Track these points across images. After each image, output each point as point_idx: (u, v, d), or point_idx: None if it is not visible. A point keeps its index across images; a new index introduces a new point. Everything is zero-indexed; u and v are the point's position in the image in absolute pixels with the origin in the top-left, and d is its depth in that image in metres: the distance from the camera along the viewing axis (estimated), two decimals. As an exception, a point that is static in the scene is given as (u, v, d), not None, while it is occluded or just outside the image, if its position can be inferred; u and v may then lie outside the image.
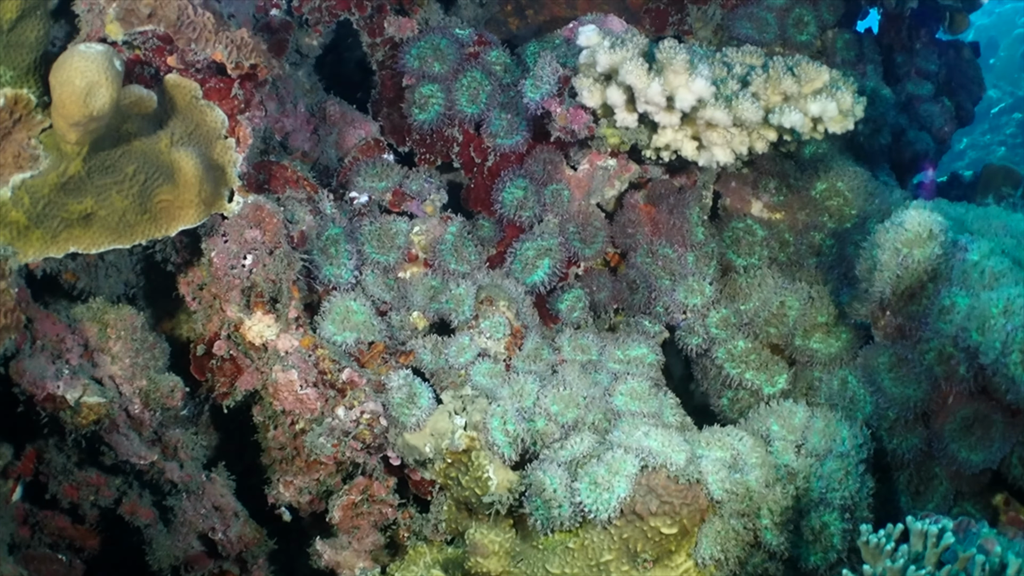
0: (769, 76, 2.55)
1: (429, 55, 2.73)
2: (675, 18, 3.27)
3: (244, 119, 2.35)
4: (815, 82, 2.56)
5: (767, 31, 3.11)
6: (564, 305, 2.64)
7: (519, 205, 2.64)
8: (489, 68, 2.74)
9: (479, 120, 2.73)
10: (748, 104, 2.40)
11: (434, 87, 2.73)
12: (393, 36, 2.85)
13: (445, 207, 2.68)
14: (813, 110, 2.53)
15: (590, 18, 2.84)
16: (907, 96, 3.39)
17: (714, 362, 2.58)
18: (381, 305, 2.53)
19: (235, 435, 2.60)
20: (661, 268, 2.62)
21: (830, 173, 2.91)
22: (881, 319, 2.50)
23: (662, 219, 2.65)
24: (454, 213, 2.74)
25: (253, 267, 2.36)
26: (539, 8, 3.13)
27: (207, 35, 2.25)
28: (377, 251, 2.57)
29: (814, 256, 2.81)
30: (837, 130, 2.59)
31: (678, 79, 2.32)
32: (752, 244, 2.73)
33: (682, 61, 2.31)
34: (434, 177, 2.71)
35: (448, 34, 2.76)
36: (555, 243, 2.62)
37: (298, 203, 2.45)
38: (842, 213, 2.86)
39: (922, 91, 3.40)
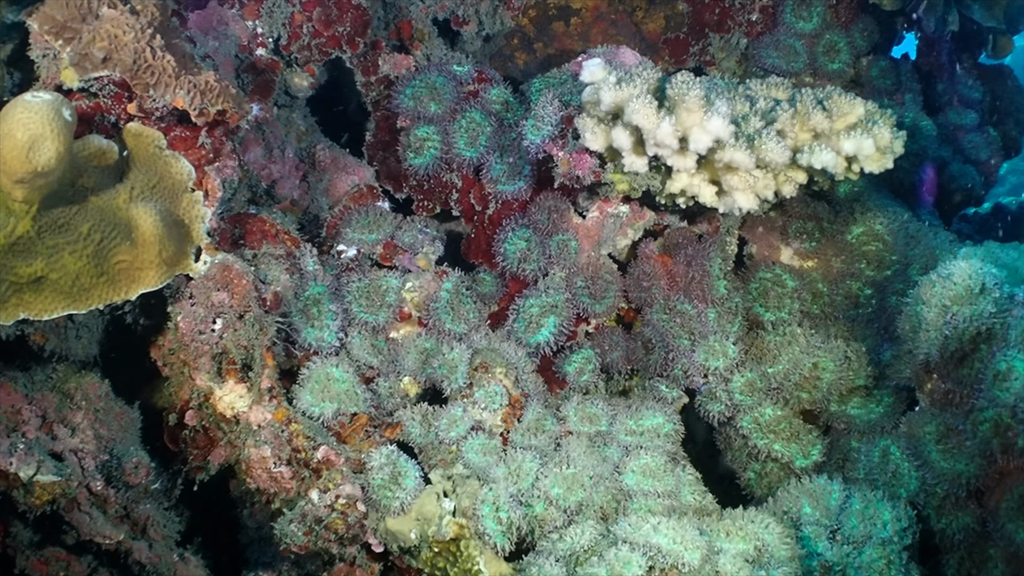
0: (797, 111, 2.19)
1: (425, 94, 2.43)
2: (696, 48, 2.93)
3: (212, 170, 2.06)
4: (849, 116, 2.20)
5: (795, 60, 2.76)
6: (572, 367, 2.30)
7: (522, 257, 2.31)
8: (489, 107, 2.43)
9: (479, 164, 2.41)
10: (773, 144, 2.05)
11: (430, 129, 2.42)
12: (388, 74, 2.55)
13: (441, 260, 2.36)
14: (847, 148, 2.17)
15: (600, 51, 2.52)
16: (949, 126, 3.00)
17: (739, 432, 2.22)
18: (367, 371, 2.22)
19: (212, 510, 2.30)
20: (679, 326, 2.27)
21: (867, 215, 2.54)
22: (927, 383, 2.13)
23: (680, 271, 2.30)
24: (454, 265, 2.42)
25: (223, 332, 2.06)
26: (548, 41, 2.81)
27: (167, 80, 1.96)
28: (365, 310, 2.25)
29: (851, 308, 2.44)
30: (875, 169, 2.23)
31: (692, 118, 1.98)
32: (781, 296, 2.37)
33: (696, 97, 1.97)
34: (430, 227, 2.40)
35: (445, 71, 2.45)
36: (561, 299, 2.28)
37: (274, 260, 2.15)
38: (881, 259, 2.49)
39: (966, 120, 3.01)
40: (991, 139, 3.05)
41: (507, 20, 2.82)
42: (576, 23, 2.85)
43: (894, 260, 2.50)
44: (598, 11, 2.87)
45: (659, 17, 2.91)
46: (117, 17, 1.98)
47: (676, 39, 2.92)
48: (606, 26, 2.86)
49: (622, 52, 2.53)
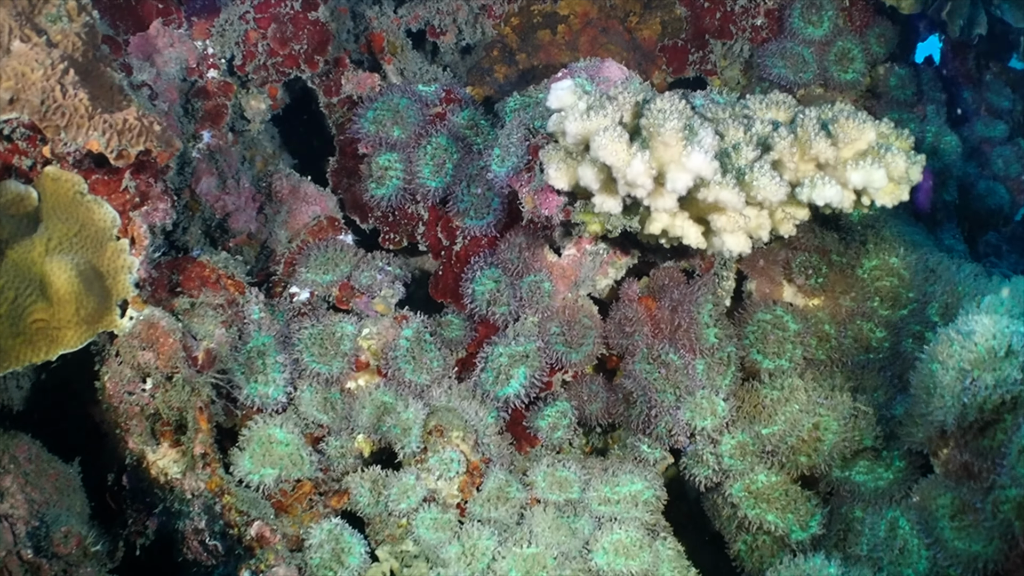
0: (797, 137, 1.85)
1: (387, 118, 2.12)
2: (696, 56, 2.58)
3: (139, 216, 1.79)
4: (857, 143, 1.85)
5: (804, 70, 2.40)
6: (545, 422, 2.00)
7: (491, 299, 2.02)
8: (457, 132, 2.12)
9: (445, 195, 2.11)
10: (766, 180, 1.72)
11: (392, 156, 2.12)
12: (351, 94, 2.25)
13: (411, 298, 2.07)
14: (855, 181, 1.83)
15: (583, 65, 2.19)
16: (977, 139, 2.62)
17: (728, 499, 1.91)
18: (316, 429, 1.94)
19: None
20: (663, 379, 1.95)
21: (882, 245, 2.19)
22: (942, 450, 1.79)
23: (665, 317, 1.98)
24: (424, 303, 2.13)
25: (154, 392, 1.81)
26: (533, 51, 2.49)
27: (78, 121, 1.69)
28: (317, 360, 1.98)
29: (861, 352, 2.11)
30: (888, 203, 1.89)
31: (669, 153, 1.66)
32: (782, 341, 2.04)
33: (673, 129, 1.64)
34: (393, 264, 2.11)
35: (409, 92, 2.14)
36: (532, 348, 1.98)
37: (212, 311, 1.88)
38: (897, 297, 2.15)
39: (994, 133, 2.63)
40: (1021, 152, 2.66)
41: (488, 29, 2.50)
42: (563, 31, 2.51)
43: (911, 298, 2.15)
44: (587, 18, 2.53)
45: (655, 23, 2.57)
46: (26, 53, 1.70)
47: (674, 47, 2.58)
48: (596, 34, 2.52)
49: (607, 66, 2.19)
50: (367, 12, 2.40)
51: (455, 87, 2.19)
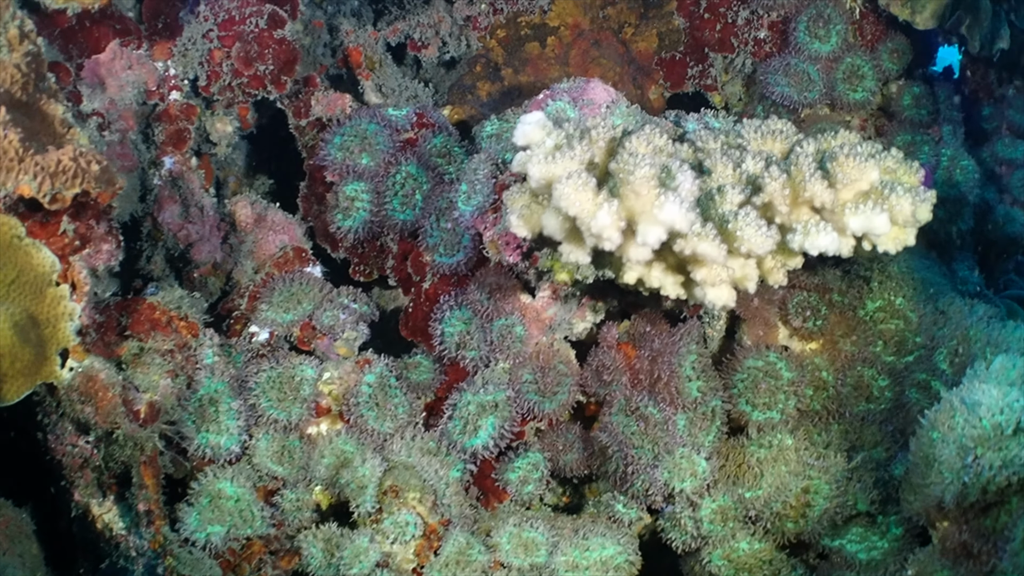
0: (791, 177, 1.64)
1: (355, 144, 1.94)
2: (695, 70, 2.35)
3: (79, 260, 1.63)
4: (858, 183, 1.63)
5: (809, 88, 2.17)
6: (515, 475, 1.83)
7: (461, 342, 1.84)
8: (428, 160, 1.93)
9: (414, 229, 1.92)
10: (751, 231, 1.51)
11: (360, 186, 1.94)
12: (321, 116, 2.06)
13: (374, 339, 1.89)
14: (854, 227, 1.61)
15: (566, 86, 1.98)
16: (996, 160, 2.37)
17: (706, 568, 1.72)
18: (270, 482, 1.78)
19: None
20: (641, 433, 1.76)
21: (887, 284, 1.97)
22: (940, 523, 1.59)
23: (644, 368, 1.79)
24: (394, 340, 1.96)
25: (97, 445, 1.66)
26: (520, 65, 2.27)
27: (8, 164, 1.52)
28: (275, 406, 1.82)
29: (861, 402, 1.90)
30: (891, 248, 1.68)
31: (640, 203, 1.45)
32: (774, 391, 1.84)
33: (644, 178, 1.44)
34: (360, 301, 1.93)
35: (378, 117, 1.95)
36: (502, 398, 1.80)
37: (159, 358, 1.73)
38: (902, 341, 1.93)
39: (1016, 154, 2.37)
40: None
41: (474, 42, 2.29)
42: (553, 44, 2.30)
43: (918, 343, 1.94)
44: (579, 29, 2.31)
45: (651, 35, 2.34)
46: (-51, 87, 1.54)
47: (672, 60, 2.35)
48: (588, 47, 2.30)
49: (592, 88, 1.98)
50: (344, 25, 2.21)
51: (428, 110, 1.99)
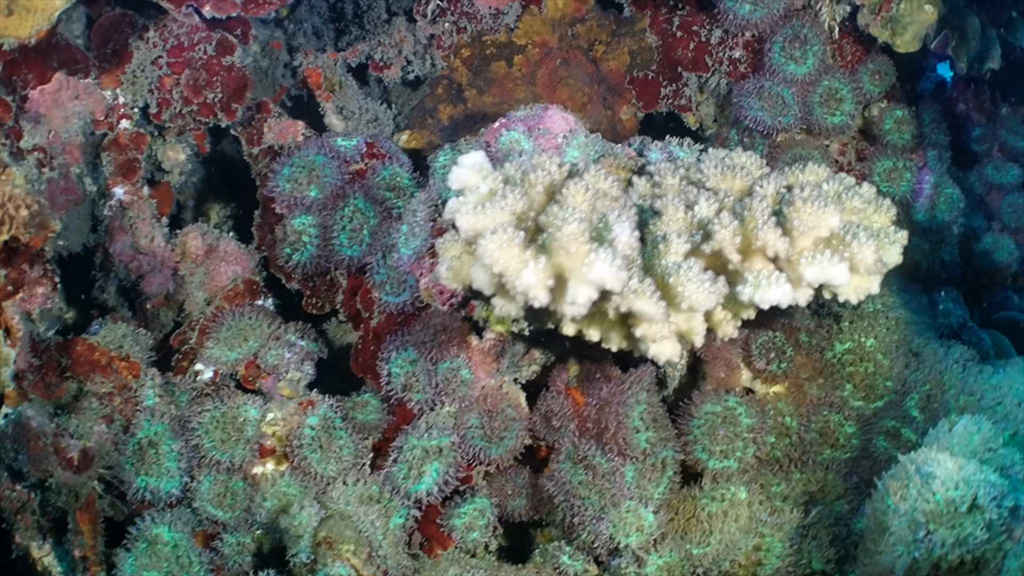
0: (744, 223, 1.50)
1: (302, 176, 1.84)
2: (668, 90, 2.21)
3: (12, 305, 1.56)
4: (815, 230, 1.50)
5: (784, 112, 2.02)
6: (460, 521, 1.73)
7: (407, 384, 1.73)
8: (375, 194, 1.82)
9: (362, 265, 1.82)
10: (693, 287, 1.39)
11: (307, 219, 1.84)
12: (273, 144, 1.95)
13: (316, 382, 1.80)
14: (809, 277, 1.48)
15: (522, 114, 1.85)
16: (986, 185, 2.20)
17: (652, 628, 1.62)
18: (211, 526, 1.70)
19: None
20: (589, 483, 1.65)
21: (858, 324, 1.84)
22: (901, 592, 1.47)
23: (592, 416, 1.67)
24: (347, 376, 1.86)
25: (33, 490, 1.59)
26: (485, 86, 2.15)
27: (-79, 208, 1.44)
28: (218, 447, 1.73)
29: (826, 449, 1.77)
30: (852, 298, 1.55)
31: (569, 260, 1.34)
32: (732, 438, 1.72)
33: (572, 234, 1.32)
34: (308, 338, 1.83)
35: (326, 148, 1.84)
36: (447, 443, 1.70)
37: (97, 402, 1.65)
38: (872, 386, 1.80)
39: (1007, 178, 2.20)
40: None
41: (439, 61, 2.17)
42: (520, 63, 2.17)
43: (888, 387, 1.80)
44: (547, 48, 2.18)
45: (623, 53, 2.20)
46: None
47: (644, 79, 2.21)
48: (556, 66, 2.17)
49: (549, 116, 1.85)
50: (304, 45, 2.10)
51: (379, 139, 1.88)
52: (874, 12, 1.90)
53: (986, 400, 1.71)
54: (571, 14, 2.17)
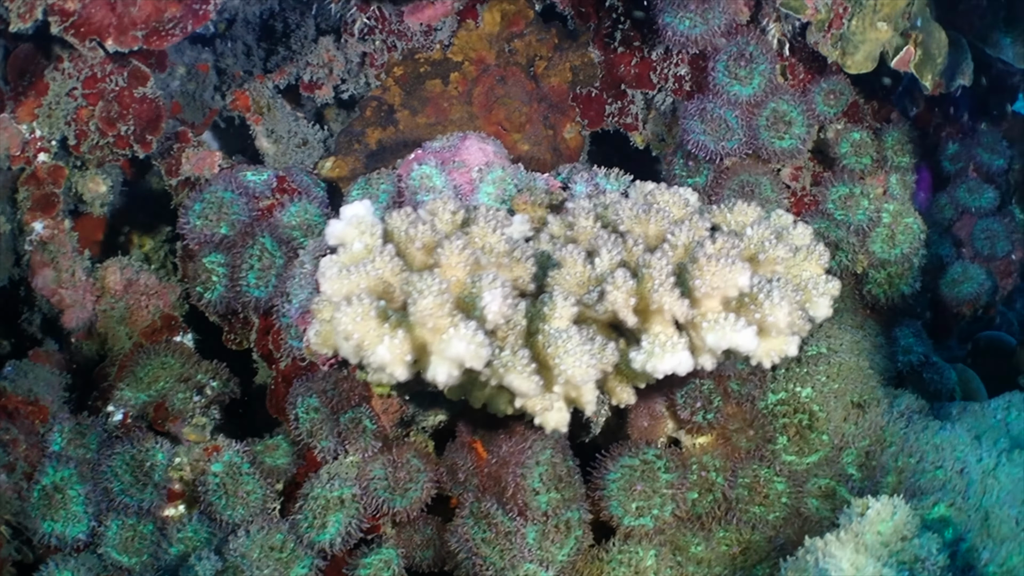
0: (641, 283, 1.33)
1: (212, 213, 1.72)
2: (614, 107, 2.02)
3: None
4: (720, 291, 1.32)
5: (727, 137, 1.81)
6: (365, 572, 1.62)
7: (312, 431, 1.62)
8: (282, 233, 1.69)
9: (269, 307, 1.69)
10: (571, 360, 1.24)
11: (217, 258, 1.72)
12: (189, 175, 1.83)
13: (219, 428, 1.70)
14: (711, 343, 1.31)
15: (438, 144, 1.70)
16: (958, 209, 1.96)
17: None
18: (116, 572, 1.63)
19: None
20: (491, 542, 1.52)
21: (794, 372, 1.66)
22: None
23: (493, 472, 1.54)
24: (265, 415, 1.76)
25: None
26: (420, 106, 1.98)
27: None
28: (127, 491, 1.65)
29: (753, 506, 1.61)
30: (765, 363, 1.38)
31: (428, 334, 1.19)
32: (649, 494, 1.57)
33: (428, 309, 1.18)
34: (219, 378, 1.74)
35: (234, 184, 1.72)
36: (349, 494, 1.59)
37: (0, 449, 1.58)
38: (805, 439, 1.63)
39: (981, 201, 1.96)
40: (1014, 225, 1.99)
41: (373, 79, 2.01)
42: (457, 80, 1.99)
43: (824, 441, 1.62)
44: (483, 64, 2.00)
45: (564, 69, 2.01)
46: None
47: (588, 96, 2.02)
48: (493, 83, 1.99)
49: (466, 147, 1.69)
50: (233, 67, 1.97)
51: (292, 172, 1.74)
52: (822, 30, 1.67)
53: (926, 463, 1.53)
54: (509, 29, 1.98)
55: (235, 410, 1.81)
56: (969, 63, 1.81)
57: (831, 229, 1.85)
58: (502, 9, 1.98)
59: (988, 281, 1.94)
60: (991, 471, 1.48)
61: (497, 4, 1.98)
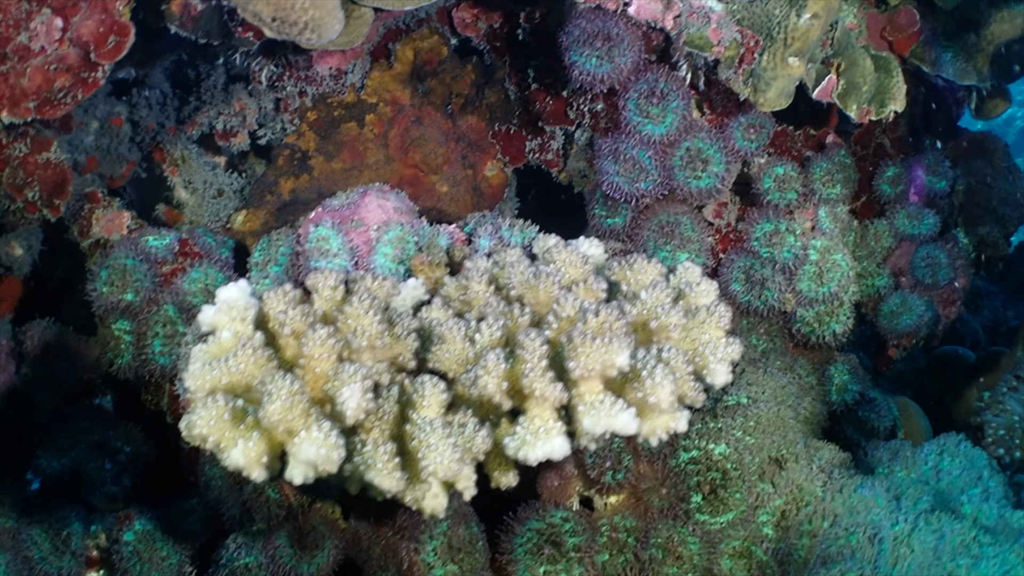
0: (515, 364, 1.28)
1: (117, 279, 1.70)
2: (534, 143, 1.95)
3: None
4: (598, 372, 1.27)
5: (642, 178, 1.73)
6: (278, 640, 1.62)
7: (219, 498, 1.61)
8: (185, 300, 1.66)
9: (174, 373, 1.67)
10: (433, 456, 1.21)
11: (124, 325, 1.71)
12: (99, 237, 1.81)
13: (130, 496, 1.69)
14: (586, 427, 1.26)
15: (337, 202, 1.65)
16: (896, 235, 1.85)
17: None
18: (34, 644, 1.64)
19: None
20: (392, 615, 1.51)
21: (707, 428, 1.59)
22: None
23: (391, 544, 1.51)
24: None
25: None
26: (335, 151, 1.93)
27: None
28: (46, 558, 1.66)
29: (667, 567, 1.56)
30: (652, 441, 1.32)
31: (287, 439, 1.16)
32: (555, 559, 1.53)
33: (279, 410, 1.15)
34: (134, 443, 1.72)
35: (135, 250, 1.69)
36: (254, 562, 1.58)
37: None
38: (719, 498, 1.56)
39: (920, 228, 1.85)
40: (957, 251, 1.88)
41: (288, 124, 1.95)
42: (372, 122, 1.93)
43: (738, 500, 1.56)
44: (398, 105, 1.93)
45: (482, 106, 1.94)
46: None
47: (507, 133, 1.95)
48: (408, 124, 1.93)
49: (365, 205, 1.64)
50: (147, 119, 1.93)
51: (195, 234, 1.71)
52: (732, 66, 1.58)
53: (839, 527, 1.46)
54: (423, 67, 1.91)
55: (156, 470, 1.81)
56: (900, 86, 1.70)
57: (757, 267, 1.77)
58: (415, 47, 1.91)
59: (928, 312, 1.85)
60: (905, 538, 1.41)
61: (410, 42, 1.91)
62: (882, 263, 1.86)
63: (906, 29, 1.84)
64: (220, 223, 1.92)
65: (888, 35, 1.83)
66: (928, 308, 1.85)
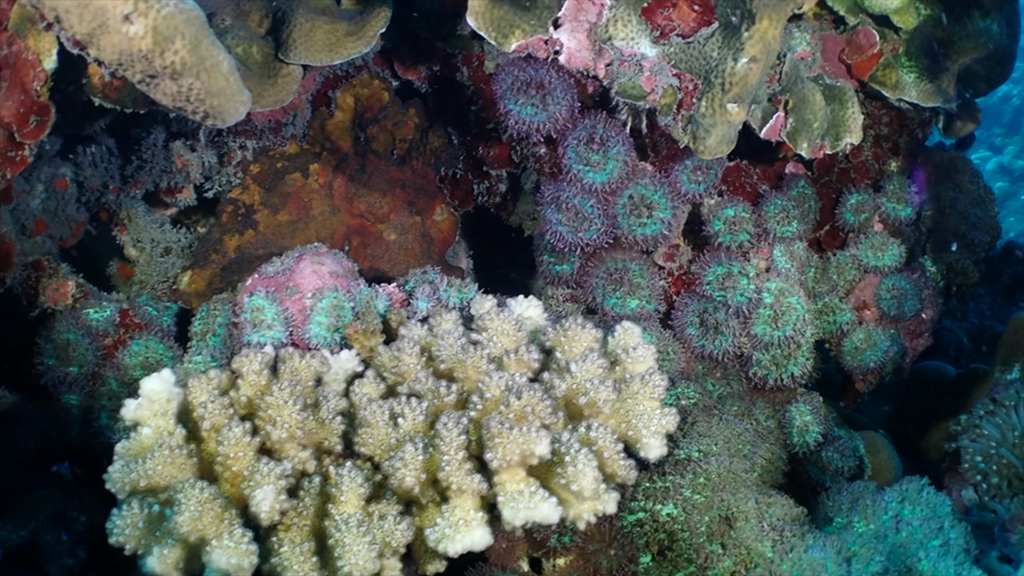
0: (433, 456, 1.26)
1: (61, 353, 1.70)
2: (481, 187, 1.90)
3: None
4: (520, 461, 1.24)
5: (585, 227, 1.68)
6: None
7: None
8: (127, 374, 1.66)
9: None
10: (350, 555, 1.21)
11: (72, 398, 1.72)
12: (47, 308, 1.81)
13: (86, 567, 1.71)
14: (508, 518, 1.24)
15: (273, 268, 1.64)
16: (860, 267, 1.79)
17: None
18: None
19: None
20: None
21: (656, 487, 1.57)
22: None
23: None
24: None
25: None
26: (281, 203, 1.90)
27: None
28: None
29: (616, 626, 1.55)
30: (579, 525, 1.29)
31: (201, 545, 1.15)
32: (503, 624, 1.53)
33: (188, 520, 1.16)
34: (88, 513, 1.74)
35: (78, 324, 1.70)
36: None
37: None
38: (667, 560, 1.54)
39: (885, 259, 1.78)
40: (923, 281, 1.80)
41: (233, 178, 1.93)
42: (316, 172, 1.91)
43: (686, 561, 1.54)
44: (341, 154, 1.89)
45: (427, 152, 1.89)
46: None
47: (453, 178, 1.90)
48: (352, 173, 1.89)
49: (300, 270, 1.62)
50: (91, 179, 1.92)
51: (136, 304, 1.71)
52: (670, 113, 1.52)
53: (785, 591, 1.44)
54: (364, 113, 1.87)
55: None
56: (856, 117, 1.62)
57: (711, 311, 1.73)
58: (355, 93, 1.87)
59: (894, 347, 1.79)
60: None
61: (350, 89, 1.87)
62: (845, 297, 1.81)
63: (866, 50, 1.76)
64: (168, 283, 1.92)
65: (847, 57, 1.76)
66: (894, 342, 1.79)
